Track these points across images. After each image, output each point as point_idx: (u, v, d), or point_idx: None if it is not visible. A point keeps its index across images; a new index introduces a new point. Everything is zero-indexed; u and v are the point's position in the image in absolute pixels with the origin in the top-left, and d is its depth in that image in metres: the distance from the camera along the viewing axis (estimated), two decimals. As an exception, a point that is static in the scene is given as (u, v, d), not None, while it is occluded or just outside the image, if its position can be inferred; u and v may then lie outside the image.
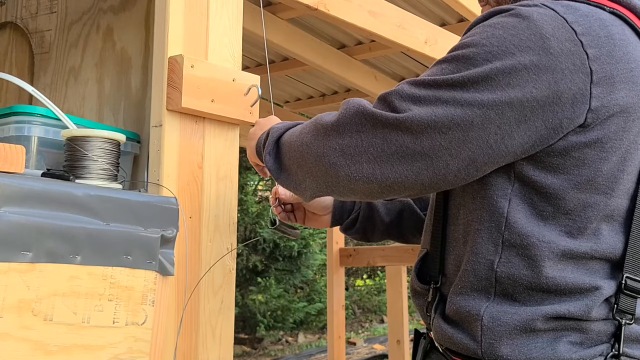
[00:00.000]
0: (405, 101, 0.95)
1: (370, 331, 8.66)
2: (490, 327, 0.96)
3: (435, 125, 0.91)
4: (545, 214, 0.96)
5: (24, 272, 0.95)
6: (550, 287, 0.96)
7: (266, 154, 1.12)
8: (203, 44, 1.35)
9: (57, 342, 0.99)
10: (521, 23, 0.93)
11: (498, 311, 0.97)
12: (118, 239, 1.07)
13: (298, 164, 1.06)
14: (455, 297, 1.01)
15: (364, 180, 0.97)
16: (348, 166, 0.97)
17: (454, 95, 0.92)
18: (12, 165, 0.98)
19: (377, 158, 0.95)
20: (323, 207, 1.39)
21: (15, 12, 1.77)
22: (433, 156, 0.93)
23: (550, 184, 0.95)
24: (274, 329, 7.47)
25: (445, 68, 0.95)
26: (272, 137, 1.13)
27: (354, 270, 9.33)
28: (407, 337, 4.50)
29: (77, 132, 1.21)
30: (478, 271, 0.99)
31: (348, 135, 0.98)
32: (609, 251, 0.97)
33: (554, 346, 0.95)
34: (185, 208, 1.27)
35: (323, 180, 1.02)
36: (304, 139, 1.05)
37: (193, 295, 1.28)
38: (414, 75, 3.71)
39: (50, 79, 1.65)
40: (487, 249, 0.98)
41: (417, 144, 0.93)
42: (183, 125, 1.30)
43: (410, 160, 0.94)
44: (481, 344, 0.96)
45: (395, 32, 2.27)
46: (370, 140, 0.96)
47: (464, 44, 0.96)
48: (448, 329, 1.01)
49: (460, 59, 0.94)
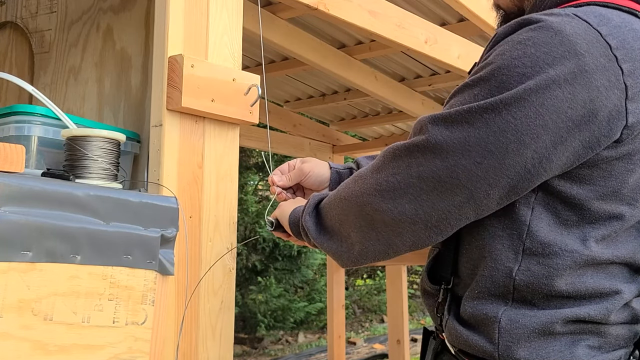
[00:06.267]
0: (438, 126, 0.93)
1: (370, 331, 8.66)
2: (508, 329, 0.95)
3: (469, 154, 0.90)
4: (569, 222, 0.95)
5: (24, 271, 0.95)
6: (570, 293, 0.95)
7: (305, 215, 1.11)
8: (203, 44, 1.35)
9: (57, 342, 0.99)
10: (553, 38, 0.89)
11: (516, 314, 0.95)
12: (118, 238, 1.06)
13: (340, 220, 1.04)
14: (472, 300, 1.00)
15: (409, 221, 0.95)
16: (390, 210, 0.95)
17: (487, 122, 0.89)
18: (12, 165, 0.98)
19: (417, 196, 0.94)
20: (320, 182, 1.37)
21: (15, 12, 1.77)
22: (472, 187, 0.91)
23: (576, 194, 0.93)
24: (274, 329, 7.46)
25: (477, 94, 0.92)
26: (312, 200, 1.12)
27: (354, 269, 9.33)
28: (407, 337, 4.49)
29: (77, 132, 1.21)
30: (496, 278, 0.97)
31: (385, 175, 0.97)
32: (629, 256, 0.97)
33: (572, 349, 0.94)
34: (185, 208, 1.27)
35: (368, 229, 0.99)
36: (342, 193, 1.04)
37: (193, 295, 1.28)
38: (414, 75, 3.71)
39: (50, 78, 1.65)
40: (506, 256, 0.96)
41: (452, 174, 0.91)
42: (183, 125, 1.30)
43: (449, 194, 0.92)
44: (498, 347, 0.95)
45: (395, 32, 2.27)
46: (407, 172, 0.94)
47: (495, 66, 0.92)
48: (463, 330, 1.00)
49: (492, 83, 0.91)
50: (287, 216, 1.20)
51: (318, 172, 1.34)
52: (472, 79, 0.95)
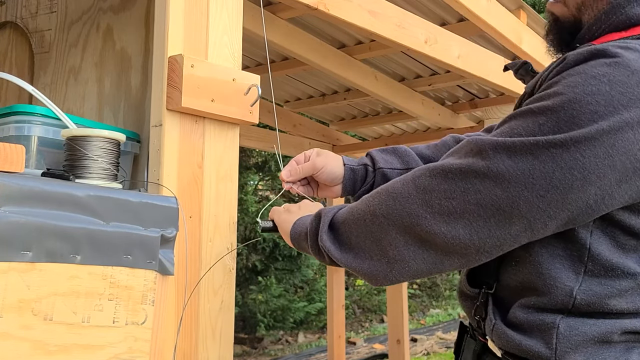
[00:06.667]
0: (500, 154, 0.91)
1: (370, 331, 8.66)
2: (566, 335, 0.96)
3: (532, 187, 0.89)
4: (628, 246, 0.96)
5: (24, 271, 0.95)
6: (631, 310, 0.97)
7: (322, 234, 1.07)
8: (203, 44, 1.35)
9: (57, 342, 0.99)
10: (630, 78, 0.88)
11: (575, 322, 0.97)
12: (118, 238, 1.06)
13: (375, 238, 1.00)
14: (525, 308, 1.00)
15: (461, 245, 0.94)
16: (444, 234, 0.94)
17: (554, 157, 0.88)
18: (12, 165, 0.98)
19: (473, 222, 0.92)
20: (333, 179, 1.35)
21: (15, 12, 1.77)
22: (531, 218, 0.90)
23: (635, 223, 0.94)
24: (274, 329, 7.46)
25: (544, 124, 0.90)
26: (325, 217, 1.09)
27: (354, 269, 9.31)
28: (407, 337, 4.50)
29: (77, 132, 1.21)
30: (555, 294, 0.97)
31: (436, 197, 0.95)
32: None
33: (626, 356, 0.96)
34: (185, 208, 1.27)
35: (415, 249, 0.97)
36: (378, 210, 1.00)
37: (193, 295, 1.28)
38: (414, 75, 3.71)
39: (50, 78, 1.65)
40: (567, 276, 0.97)
41: (513, 204, 0.90)
42: (183, 125, 1.30)
43: (507, 223, 0.91)
44: (555, 352, 0.96)
45: (395, 32, 2.27)
46: (463, 197, 0.92)
47: (566, 98, 0.89)
48: (515, 335, 1.00)
49: (561, 116, 0.89)
50: (288, 229, 1.18)
51: (331, 168, 1.33)
52: (538, 106, 0.92)
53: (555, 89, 0.91)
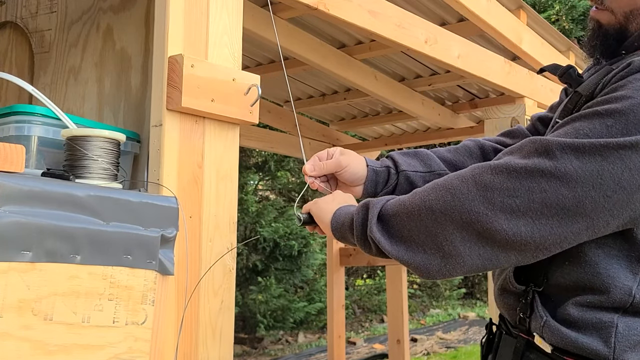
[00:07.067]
0: (568, 154, 0.94)
1: (370, 331, 8.66)
2: (625, 334, 0.99)
3: (600, 187, 0.92)
4: None
5: (24, 271, 0.95)
6: None
7: (372, 225, 1.07)
8: (203, 44, 1.35)
9: (57, 342, 0.99)
10: None
11: (633, 321, 0.99)
12: (118, 238, 1.06)
13: (431, 233, 1.01)
14: (580, 306, 1.03)
15: (521, 242, 0.95)
16: (505, 231, 0.95)
17: (623, 158, 0.91)
18: (12, 165, 0.98)
19: (536, 219, 0.94)
20: (355, 179, 1.34)
21: (15, 12, 1.77)
22: (594, 217, 0.93)
23: None
24: (274, 329, 7.46)
25: (612, 126, 0.93)
26: (374, 208, 1.08)
27: (354, 269, 9.33)
28: (407, 337, 4.50)
29: (77, 132, 1.21)
30: (613, 294, 1.00)
31: (499, 195, 0.96)
32: None
33: None
34: (185, 208, 1.27)
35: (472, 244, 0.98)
36: (435, 205, 1.01)
37: (193, 295, 1.28)
38: (414, 74, 3.71)
39: (50, 78, 1.65)
40: (625, 276, 1.00)
41: (578, 204, 0.93)
42: (183, 125, 1.30)
43: (570, 221, 0.94)
44: (614, 350, 0.98)
45: (395, 32, 2.27)
46: (528, 196, 0.94)
47: (635, 102, 0.93)
48: (569, 332, 1.02)
49: (630, 119, 0.92)
50: (328, 217, 1.17)
51: (354, 168, 1.32)
52: (605, 108, 0.95)
53: (622, 93, 0.95)
